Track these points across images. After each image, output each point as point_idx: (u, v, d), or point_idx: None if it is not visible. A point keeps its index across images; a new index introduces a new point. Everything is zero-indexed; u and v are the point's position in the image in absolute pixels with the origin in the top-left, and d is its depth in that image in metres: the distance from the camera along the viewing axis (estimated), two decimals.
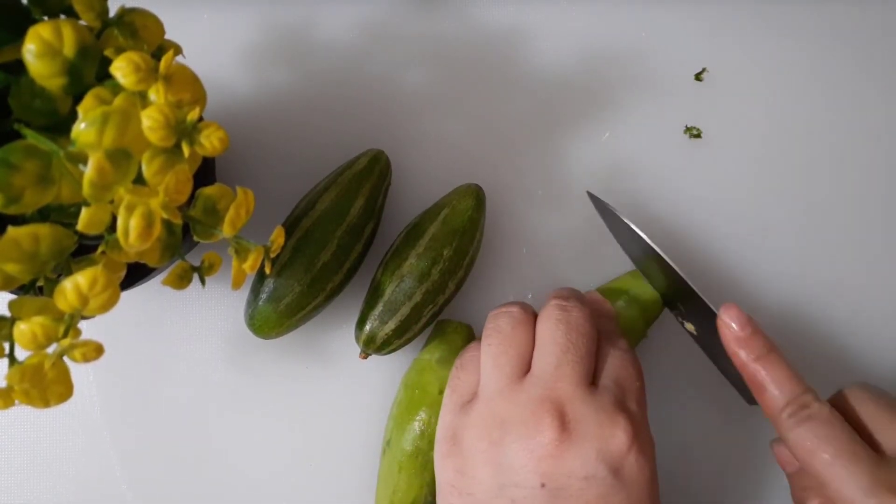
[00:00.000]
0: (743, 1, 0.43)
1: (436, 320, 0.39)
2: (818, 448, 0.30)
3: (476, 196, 0.38)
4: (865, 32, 0.43)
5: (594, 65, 0.43)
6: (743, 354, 0.33)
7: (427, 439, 0.36)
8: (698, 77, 0.43)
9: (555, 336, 0.32)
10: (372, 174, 0.38)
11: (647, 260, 0.36)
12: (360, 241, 0.38)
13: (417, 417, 0.36)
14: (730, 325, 0.33)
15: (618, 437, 0.29)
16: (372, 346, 0.37)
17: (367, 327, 0.37)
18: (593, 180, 0.42)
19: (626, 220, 0.35)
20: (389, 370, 0.41)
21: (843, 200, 0.42)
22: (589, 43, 0.43)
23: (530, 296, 0.41)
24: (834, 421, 0.31)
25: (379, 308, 0.37)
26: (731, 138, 0.42)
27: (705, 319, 0.35)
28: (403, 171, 0.42)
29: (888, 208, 0.42)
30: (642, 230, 0.35)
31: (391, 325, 0.36)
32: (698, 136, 0.42)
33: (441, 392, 0.36)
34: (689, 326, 0.36)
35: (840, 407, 0.32)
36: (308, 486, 0.40)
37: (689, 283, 0.34)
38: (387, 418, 0.39)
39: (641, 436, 0.30)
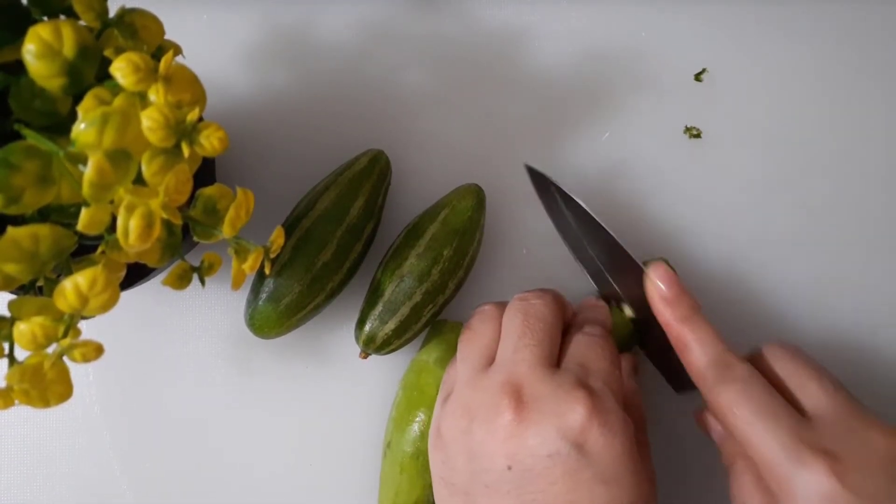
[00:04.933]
0: (743, 1, 0.43)
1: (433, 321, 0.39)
2: (738, 408, 0.30)
3: (476, 196, 0.38)
4: (866, 32, 0.43)
5: (594, 65, 0.43)
6: (668, 314, 0.33)
7: (427, 440, 0.36)
8: (698, 77, 0.43)
9: (513, 324, 0.32)
10: (372, 174, 0.38)
11: (584, 235, 0.36)
12: (360, 241, 0.38)
13: (417, 419, 0.36)
14: (657, 283, 0.33)
15: (577, 411, 0.29)
16: (372, 345, 0.37)
17: (367, 327, 0.37)
18: (593, 180, 0.42)
19: (564, 189, 0.36)
20: (389, 370, 0.41)
21: (843, 200, 0.42)
22: (589, 43, 0.43)
23: None
24: (755, 380, 0.31)
25: (379, 308, 0.37)
26: (731, 138, 0.42)
27: (641, 292, 0.34)
28: (403, 171, 0.42)
29: (888, 208, 0.42)
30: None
31: (391, 325, 0.36)
32: (698, 136, 0.42)
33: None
34: (627, 311, 0.36)
35: (759, 366, 0.32)
36: (308, 485, 0.40)
37: (621, 242, 0.34)
38: (387, 419, 0.39)
39: (604, 411, 0.29)
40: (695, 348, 0.32)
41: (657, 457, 0.33)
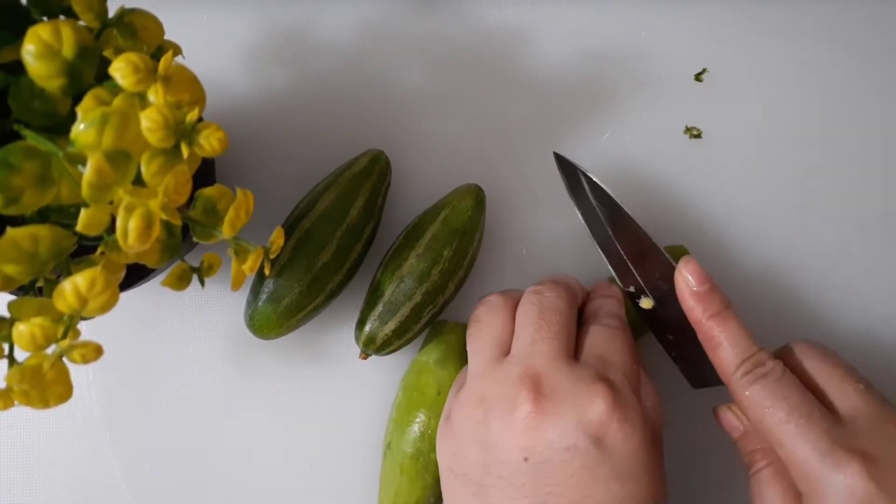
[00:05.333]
0: (743, 1, 0.43)
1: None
2: (773, 406, 0.30)
3: (476, 196, 0.38)
4: (864, 32, 0.43)
5: (594, 65, 0.43)
6: (699, 310, 0.32)
7: (427, 441, 0.36)
8: (698, 77, 0.43)
9: (528, 316, 0.32)
10: (372, 174, 0.38)
11: (610, 225, 0.36)
12: (360, 242, 0.38)
13: (417, 419, 0.36)
14: (687, 278, 0.33)
15: (597, 405, 0.28)
16: (372, 346, 0.37)
17: (367, 328, 0.37)
18: None
19: (595, 179, 0.36)
20: (389, 370, 0.41)
21: (842, 199, 0.42)
22: (589, 43, 0.43)
23: None
24: (788, 379, 0.31)
25: (379, 308, 0.37)
26: (732, 138, 0.42)
27: (664, 283, 0.34)
28: (403, 171, 0.42)
29: (887, 207, 0.42)
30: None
31: (391, 326, 0.36)
32: (698, 136, 0.42)
33: (439, 393, 0.36)
34: (646, 303, 0.36)
35: (789, 364, 0.32)
36: (308, 486, 0.40)
37: (651, 237, 0.34)
38: (387, 419, 0.39)
39: (624, 405, 0.29)
40: (725, 346, 0.32)
41: (669, 454, 0.33)
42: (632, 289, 0.36)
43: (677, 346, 0.35)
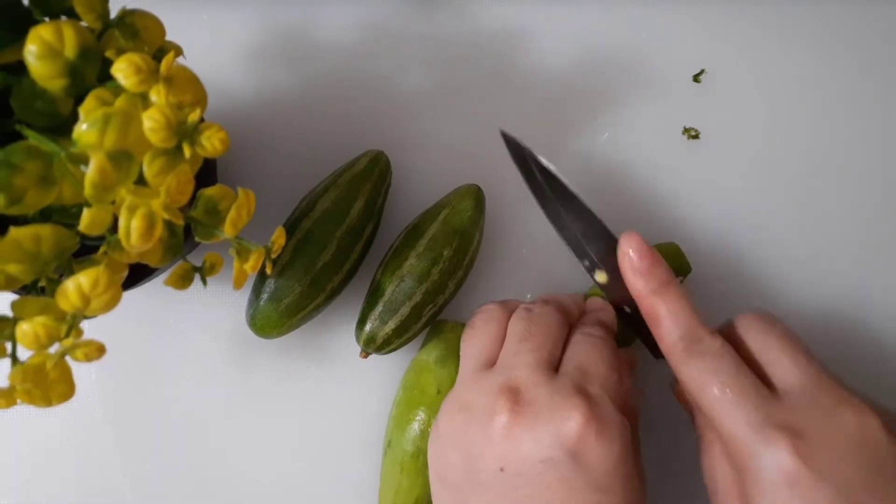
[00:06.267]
0: (742, 2, 0.43)
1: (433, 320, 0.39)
2: (706, 383, 0.29)
3: (476, 196, 0.38)
4: (864, 33, 0.43)
5: (594, 65, 0.43)
6: (640, 285, 0.32)
7: (427, 439, 0.36)
8: (696, 78, 0.43)
9: (516, 328, 0.33)
10: (372, 175, 0.38)
11: (561, 205, 0.35)
12: (360, 242, 0.38)
13: (417, 418, 0.36)
14: (628, 253, 0.32)
15: (573, 418, 0.28)
16: (372, 345, 0.37)
17: (368, 327, 0.37)
18: (592, 180, 0.42)
19: (539, 157, 0.35)
20: (390, 369, 0.41)
21: (841, 200, 0.42)
22: (589, 43, 0.43)
23: (529, 296, 0.41)
24: (724, 354, 0.30)
25: (379, 308, 0.37)
26: (730, 139, 0.43)
27: (614, 258, 0.34)
28: (403, 171, 0.42)
29: (887, 208, 0.42)
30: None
31: (391, 325, 0.37)
32: (696, 137, 0.43)
33: (439, 392, 0.36)
34: (600, 276, 0.35)
35: (732, 338, 0.31)
36: (308, 485, 0.41)
37: (593, 210, 0.34)
38: (387, 418, 0.39)
39: (601, 419, 0.29)
40: (665, 322, 0.31)
41: (646, 442, 0.33)
42: (587, 263, 0.36)
43: (633, 318, 0.35)
